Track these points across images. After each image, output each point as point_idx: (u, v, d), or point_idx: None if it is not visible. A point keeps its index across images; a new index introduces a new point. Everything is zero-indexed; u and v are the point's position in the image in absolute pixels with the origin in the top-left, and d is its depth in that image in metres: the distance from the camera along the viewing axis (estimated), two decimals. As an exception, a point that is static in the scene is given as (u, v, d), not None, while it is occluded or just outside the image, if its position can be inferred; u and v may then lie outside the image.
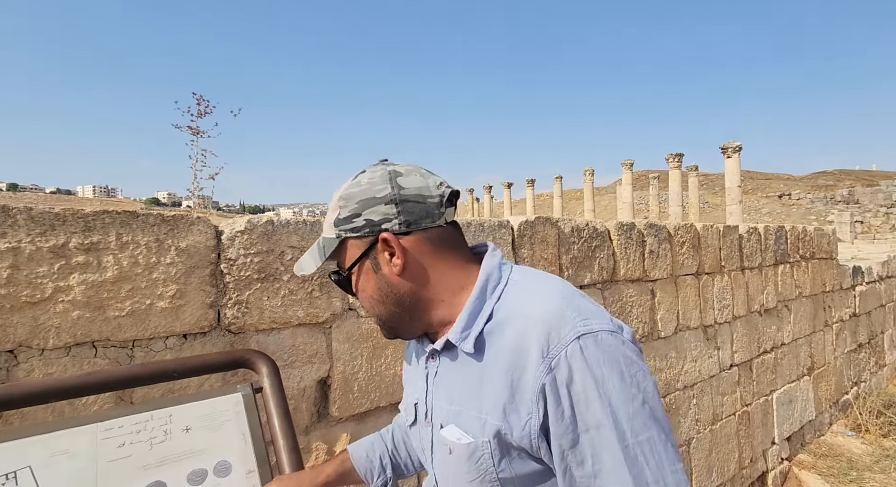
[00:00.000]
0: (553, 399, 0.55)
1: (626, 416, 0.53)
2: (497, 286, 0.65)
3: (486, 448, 0.60)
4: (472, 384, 0.63)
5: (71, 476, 0.89)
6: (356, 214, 0.65)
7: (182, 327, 1.51)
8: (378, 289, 0.67)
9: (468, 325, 0.63)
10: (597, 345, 0.56)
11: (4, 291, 1.22)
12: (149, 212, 1.48)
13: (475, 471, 0.61)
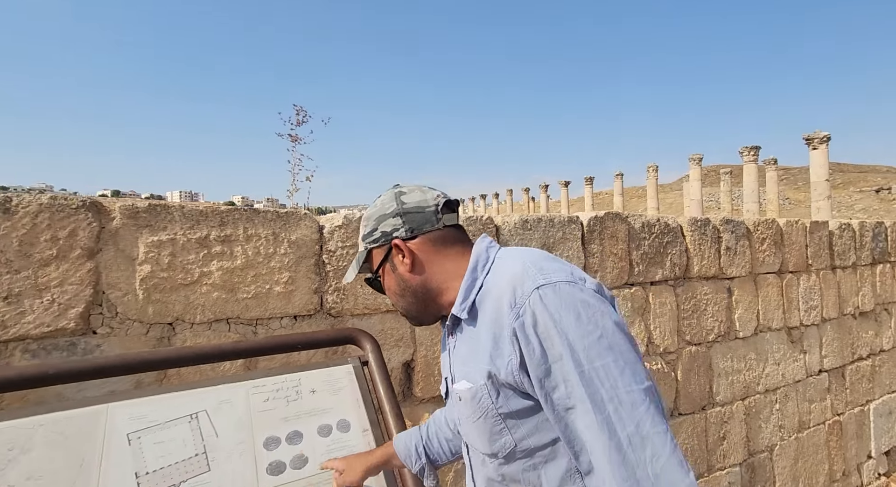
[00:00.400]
0: (524, 340, 0.67)
1: (581, 347, 0.64)
2: (485, 265, 0.78)
3: (484, 389, 0.72)
4: (473, 345, 0.76)
5: (234, 420, 1.10)
6: (374, 229, 0.84)
7: (293, 309, 1.73)
8: (397, 285, 0.84)
9: (464, 299, 0.77)
10: (555, 293, 0.67)
11: (166, 274, 1.49)
12: (267, 209, 1.72)
13: (479, 410, 0.74)
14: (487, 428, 0.73)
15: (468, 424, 0.77)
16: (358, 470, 1.03)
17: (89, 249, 1.39)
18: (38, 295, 1.31)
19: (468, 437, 0.80)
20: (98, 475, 0.92)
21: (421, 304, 0.84)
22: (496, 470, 0.76)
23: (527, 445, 0.72)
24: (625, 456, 0.61)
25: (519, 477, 0.74)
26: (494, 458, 0.75)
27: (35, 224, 1.32)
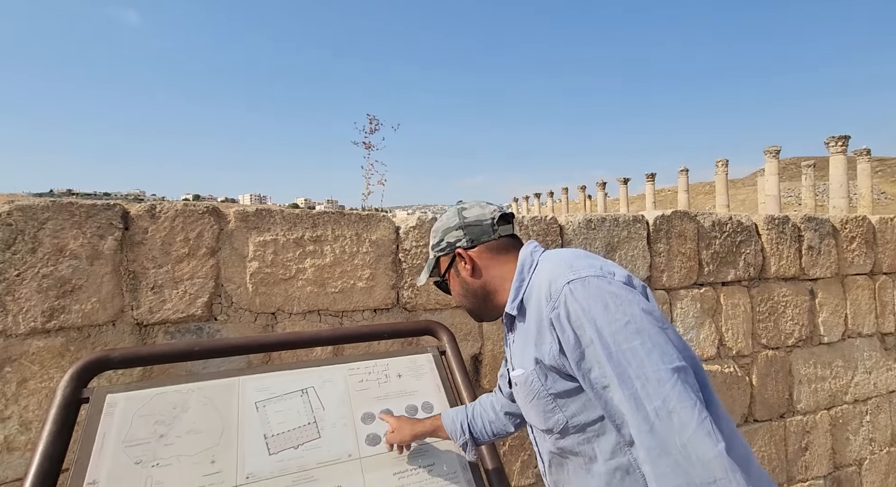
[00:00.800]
0: (560, 329, 0.76)
1: (609, 333, 0.71)
2: (530, 267, 0.88)
3: (534, 374, 0.83)
4: (524, 337, 0.87)
5: (336, 396, 1.27)
6: (441, 240, 0.98)
7: (373, 303, 1.91)
8: (461, 287, 0.98)
9: (514, 298, 0.88)
10: (583, 286, 0.76)
11: (269, 270, 1.71)
12: (351, 212, 1.91)
13: (531, 392, 0.84)
14: (541, 408, 0.83)
15: (526, 405, 0.88)
16: (406, 433, 1.17)
17: (212, 248, 1.64)
18: (174, 287, 1.57)
19: (528, 417, 0.91)
20: (237, 433, 1.11)
21: (481, 303, 0.97)
22: (554, 444, 0.86)
23: (577, 421, 0.81)
24: (652, 427, 0.67)
25: (576, 450, 0.83)
26: (550, 433, 0.85)
27: (172, 227, 1.58)
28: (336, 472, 1.13)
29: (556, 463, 0.89)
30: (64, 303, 1.44)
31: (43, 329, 1.42)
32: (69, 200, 1.48)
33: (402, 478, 1.17)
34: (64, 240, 1.45)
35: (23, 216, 1.42)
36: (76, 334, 1.47)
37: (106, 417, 1.07)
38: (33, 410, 1.40)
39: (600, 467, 0.80)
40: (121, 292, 1.53)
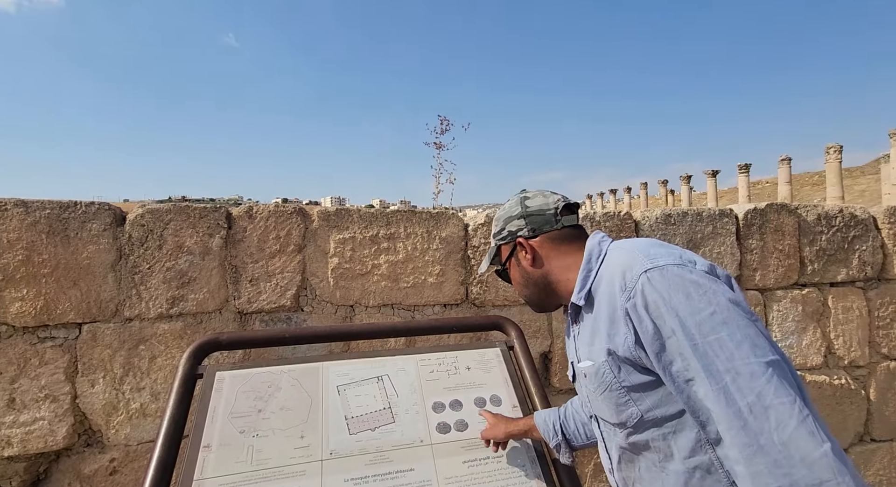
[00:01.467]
0: (636, 319, 0.72)
1: (693, 323, 0.67)
2: (598, 257, 0.85)
3: (605, 366, 0.79)
4: (592, 328, 0.83)
5: (408, 384, 1.35)
6: (503, 229, 0.96)
7: (443, 298, 1.97)
8: (521, 276, 0.95)
9: (581, 288, 0.84)
10: (662, 275, 0.72)
11: (348, 265, 1.85)
12: (422, 210, 1.99)
13: (603, 384, 0.80)
14: (613, 401, 0.80)
15: (595, 398, 0.84)
16: (500, 430, 1.18)
17: (299, 245, 1.81)
18: (268, 280, 1.76)
19: (597, 410, 0.86)
20: (321, 412, 1.23)
21: (542, 293, 0.94)
22: (625, 439, 0.82)
23: (654, 415, 0.76)
24: (745, 423, 0.62)
25: (650, 446, 0.78)
26: (623, 428, 0.81)
27: (266, 226, 1.77)
28: (409, 455, 1.20)
29: (626, 460, 0.86)
30: (182, 293, 1.68)
31: (167, 314, 1.67)
32: (186, 204, 1.73)
33: (472, 467, 1.21)
34: (182, 238, 1.69)
35: (152, 217, 1.67)
36: (192, 319, 1.70)
37: (216, 392, 1.24)
38: (160, 383, 1.66)
39: (677, 465, 0.76)
40: (225, 284, 1.74)
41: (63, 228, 1.59)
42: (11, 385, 1.53)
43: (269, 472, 1.11)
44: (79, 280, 1.60)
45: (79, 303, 1.60)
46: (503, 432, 1.19)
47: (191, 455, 1.11)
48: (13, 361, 1.54)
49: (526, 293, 0.99)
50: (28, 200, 1.58)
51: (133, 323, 1.65)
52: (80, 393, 1.60)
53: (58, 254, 1.57)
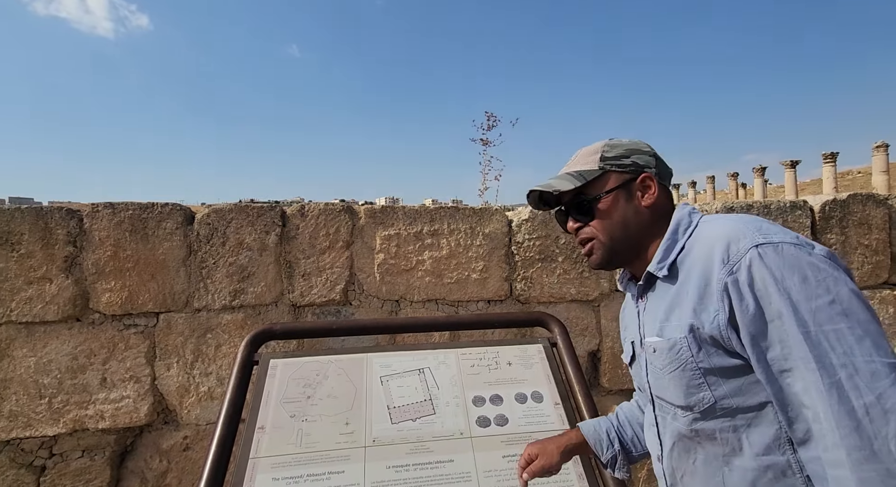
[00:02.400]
0: (736, 296, 0.65)
1: (808, 309, 0.60)
2: (687, 228, 0.78)
3: (684, 342, 0.72)
4: (669, 301, 0.76)
5: (449, 377, 1.36)
6: (625, 155, 0.82)
7: (487, 294, 1.97)
8: (624, 214, 0.81)
9: (663, 258, 0.77)
10: (776, 253, 0.64)
11: (394, 261, 1.90)
12: (465, 207, 1.99)
13: (676, 361, 0.73)
14: (685, 381, 0.73)
15: (663, 376, 0.76)
16: (554, 453, 0.97)
17: (347, 242, 1.89)
18: (319, 275, 1.86)
19: (659, 390, 0.79)
20: (365, 401, 1.28)
21: (633, 241, 0.82)
22: (689, 425, 0.75)
23: (728, 404, 0.70)
24: (859, 424, 0.56)
25: (716, 436, 0.72)
26: (689, 411, 0.74)
27: (317, 223, 1.86)
28: (449, 447, 1.21)
29: (681, 448, 0.78)
30: (243, 286, 1.81)
31: (230, 306, 1.81)
32: (246, 204, 1.86)
33: (511, 462, 1.20)
34: (242, 235, 1.82)
35: (216, 217, 1.82)
36: (251, 311, 1.84)
37: (269, 378, 1.33)
38: (225, 369, 1.80)
39: (747, 462, 0.69)
40: (280, 278, 1.86)
41: (143, 227, 1.77)
42: (103, 365, 1.74)
43: (317, 455, 1.17)
44: (156, 273, 1.78)
45: (156, 295, 1.78)
46: (556, 453, 0.96)
47: (247, 435, 1.20)
48: (104, 345, 1.74)
49: (618, 234, 0.81)
50: (115, 202, 1.78)
51: (201, 314, 1.80)
52: (158, 375, 1.78)
53: (139, 251, 1.76)
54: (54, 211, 1.75)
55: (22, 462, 1.69)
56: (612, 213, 0.81)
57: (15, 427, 1.65)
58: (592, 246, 0.83)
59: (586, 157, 0.84)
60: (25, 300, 1.68)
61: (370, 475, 1.15)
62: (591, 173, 0.82)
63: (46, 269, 1.69)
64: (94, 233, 1.74)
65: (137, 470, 1.77)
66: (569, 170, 0.84)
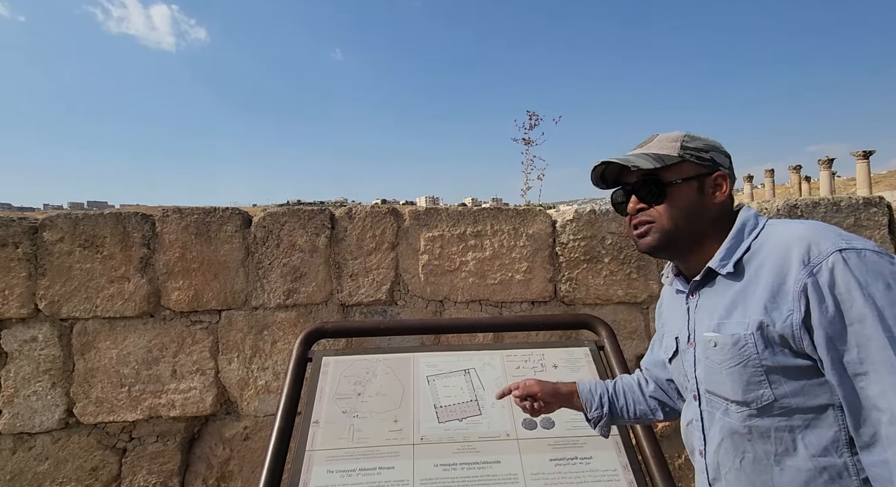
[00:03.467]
0: (815, 298, 0.65)
1: (892, 314, 0.61)
2: (753, 229, 0.78)
3: (750, 338, 0.72)
4: (732, 298, 0.76)
5: (494, 378, 1.37)
6: (705, 149, 0.83)
7: (531, 296, 1.96)
8: (692, 206, 0.82)
9: (727, 256, 0.77)
10: (859, 259, 0.65)
11: (437, 262, 1.93)
12: (508, 208, 1.99)
13: (739, 357, 0.73)
14: (745, 377, 0.73)
15: (721, 371, 0.76)
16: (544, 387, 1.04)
17: (392, 243, 1.94)
18: (366, 275, 1.92)
19: (714, 384, 0.79)
20: (413, 399, 1.32)
21: (692, 235, 0.82)
22: (743, 421, 0.75)
23: (787, 403, 0.70)
24: None
25: (770, 435, 0.72)
26: (744, 407, 0.74)
27: (364, 225, 1.93)
28: (495, 448, 1.23)
29: (731, 445, 0.78)
30: (295, 286, 1.91)
31: (284, 304, 1.91)
32: (297, 207, 1.96)
33: (559, 466, 1.20)
34: (294, 237, 1.92)
35: (271, 220, 1.93)
36: (303, 310, 1.93)
37: (322, 375, 1.40)
38: (280, 364, 1.91)
39: (801, 462, 0.69)
40: (330, 279, 1.94)
41: (206, 230, 1.90)
42: (173, 358, 1.89)
43: (368, 450, 1.22)
44: (218, 273, 1.91)
45: (218, 293, 1.91)
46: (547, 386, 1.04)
47: (303, 429, 1.26)
48: (174, 339, 1.90)
49: (681, 224, 0.81)
50: (182, 207, 1.92)
51: (258, 312, 1.92)
52: (221, 368, 1.91)
53: (203, 252, 1.90)
54: (131, 216, 1.92)
55: (107, 444, 1.87)
56: (682, 202, 0.82)
57: (101, 412, 1.84)
58: (650, 229, 0.82)
59: (665, 143, 0.84)
60: (108, 297, 1.85)
61: (419, 472, 1.18)
62: (670, 158, 0.82)
63: (125, 269, 1.86)
64: (165, 236, 1.89)
65: (204, 456, 1.91)
66: (646, 152, 0.84)
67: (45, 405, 1.82)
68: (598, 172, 0.89)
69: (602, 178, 0.90)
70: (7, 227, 1.83)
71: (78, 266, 1.84)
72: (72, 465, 1.83)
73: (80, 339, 1.85)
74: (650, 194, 0.83)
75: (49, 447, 1.83)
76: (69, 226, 1.85)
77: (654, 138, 0.87)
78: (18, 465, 1.81)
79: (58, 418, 1.83)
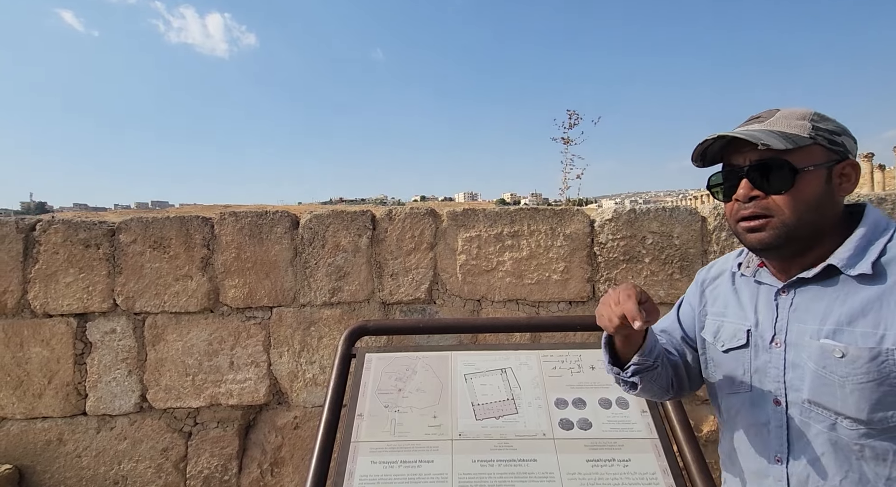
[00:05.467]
0: None
1: None
2: (886, 230, 0.71)
3: (892, 355, 0.64)
4: (862, 305, 0.68)
5: (530, 378, 1.40)
6: (838, 133, 0.73)
7: (568, 295, 1.96)
8: (818, 196, 0.71)
9: (858, 255, 0.69)
10: None
11: (475, 262, 1.97)
12: (545, 208, 1.99)
13: (875, 373, 0.66)
14: (877, 395, 0.67)
15: (845, 385, 0.69)
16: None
17: (430, 243, 2.00)
18: (406, 275, 1.99)
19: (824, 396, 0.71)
20: (451, 396, 1.37)
21: (813, 230, 0.72)
22: (857, 439, 0.69)
23: None
24: None
25: (887, 457, 0.68)
26: (863, 426, 0.69)
27: (403, 226, 1.99)
28: (532, 446, 1.25)
29: (833, 461, 0.72)
30: (339, 285, 2.01)
31: (329, 302, 2.02)
32: (342, 209, 2.05)
33: (596, 467, 1.21)
34: (338, 238, 2.01)
35: (317, 222, 2.04)
36: (347, 307, 2.03)
37: (366, 370, 1.47)
38: (326, 358, 2.02)
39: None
40: (371, 278, 2.02)
41: (258, 231, 2.04)
42: (231, 351, 2.05)
43: (408, 443, 1.28)
44: (269, 272, 2.04)
45: (269, 291, 2.04)
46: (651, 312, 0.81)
47: (349, 421, 1.35)
48: (232, 333, 2.05)
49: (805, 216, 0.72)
50: (237, 211, 2.07)
51: (306, 309, 2.04)
52: (273, 361, 2.05)
53: (256, 253, 2.03)
54: (193, 219, 2.09)
55: (175, 428, 2.07)
56: (809, 192, 0.71)
57: (169, 398, 2.02)
58: (768, 223, 0.71)
59: (792, 120, 0.73)
60: (174, 294, 2.03)
61: (457, 466, 1.23)
62: (801, 139, 0.70)
63: (188, 269, 2.03)
64: (222, 238, 2.04)
65: (258, 443, 2.06)
66: (771, 129, 0.72)
67: (123, 390, 2.03)
68: (704, 147, 0.77)
69: (703, 156, 0.78)
70: (90, 230, 2.05)
71: (148, 265, 2.03)
72: (146, 445, 2.03)
73: (151, 332, 2.04)
74: (775, 180, 0.71)
75: (127, 428, 2.04)
76: (141, 228, 2.04)
77: (774, 113, 0.75)
78: (102, 443, 2.03)
79: (133, 402, 2.03)
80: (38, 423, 2.01)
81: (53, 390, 2.01)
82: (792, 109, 0.76)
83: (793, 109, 0.76)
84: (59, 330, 2.02)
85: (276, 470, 2.03)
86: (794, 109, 0.76)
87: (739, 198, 0.74)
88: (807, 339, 0.73)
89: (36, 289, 2.00)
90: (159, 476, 2.02)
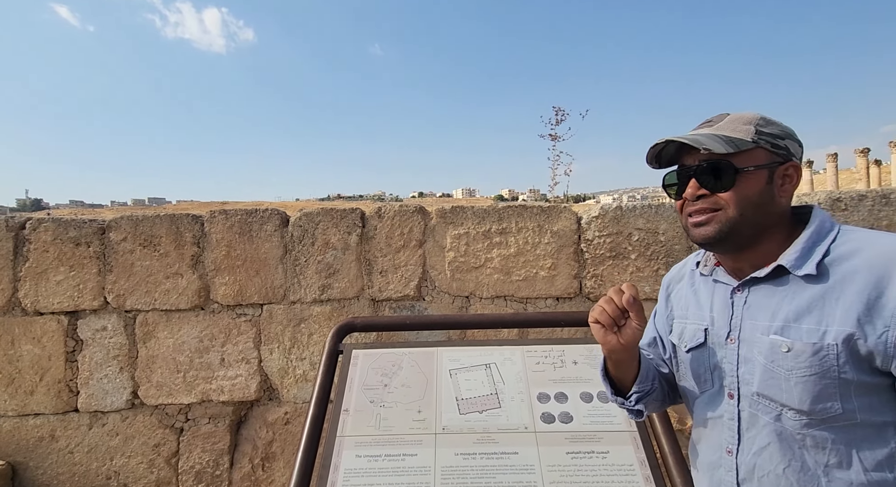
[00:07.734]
0: None
1: None
2: (830, 232, 0.75)
3: (833, 350, 0.69)
4: (806, 302, 0.72)
5: (514, 373, 1.42)
6: (781, 137, 0.78)
7: (555, 292, 1.98)
8: (759, 196, 0.76)
9: (805, 256, 0.74)
10: None
11: (463, 259, 1.99)
12: (533, 205, 2.01)
13: (816, 367, 0.70)
14: (815, 388, 0.70)
15: (790, 378, 0.72)
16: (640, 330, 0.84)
17: (419, 240, 2.01)
18: (395, 272, 2.01)
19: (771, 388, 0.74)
20: (436, 391, 1.39)
21: (756, 228, 0.76)
22: (800, 429, 0.72)
23: (853, 417, 0.69)
24: None
25: (826, 446, 0.71)
26: (805, 416, 0.72)
27: (392, 224, 2.01)
28: (513, 439, 1.28)
29: (778, 450, 0.75)
30: (329, 282, 2.03)
31: (319, 299, 2.04)
32: (331, 207, 2.06)
33: (575, 459, 1.23)
34: (328, 236, 2.03)
35: (307, 219, 2.05)
36: (337, 304, 2.05)
37: (352, 366, 1.49)
38: (316, 355, 2.04)
39: (854, 476, 0.69)
40: (361, 275, 2.04)
41: (248, 229, 2.05)
42: (222, 348, 2.07)
43: (393, 438, 1.31)
44: (259, 270, 2.05)
45: (259, 288, 2.06)
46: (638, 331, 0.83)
47: (335, 416, 1.37)
48: (222, 330, 2.07)
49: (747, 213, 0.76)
50: (227, 209, 2.08)
51: (296, 306, 2.05)
52: (263, 358, 2.07)
53: (246, 250, 2.05)
54: (183, 217, 2.10)
55: (167, 424, 2.09)
56: (751, 191, 0.76)
57: (161, 395, 2.04)
58: (711, 218, 0.76)
59: (738, 125, 0.78)
60: (164, 291, 2.05)
61: (440, 459, 1.25)
62: (743, 143, 0.75)
63: (179, 266, 2.05)
64: (212, 235, 2.05)
65: (250, 438, 2.08)
66: (717, 133, 0.77)
67: (115, 387, 2.05)
68: (656, 150, 0.82)
69: (657, 158, 0.83)
70: (80, 229, 2.06)
71: (139, 263, 2.04)
72: (138, 441, 2.05)
73: (142, 329, 2.06)
74: (717, 179, 0.76)
75: (119, 424, 2.06)
76: (131, 226, 2.05)
77: (724, 117, 0.80)
78: (94, 439, 2.05)
79: (125, 399, 2.05)
80: (31, 420, 2.03)
81: (45, 387, 2.02)
82: (740, 114, 0.81)
83: (741, 114, 0.81)
84: (50, 327, 2.03)
85: (267, 465, 2.06)
86: (742, 114, 0.81)
87: (688, 196, 0.79)
88: (758, 335, 0.77)
89: (26, 287, 2.02)
90: (151, 472, 2.04)
